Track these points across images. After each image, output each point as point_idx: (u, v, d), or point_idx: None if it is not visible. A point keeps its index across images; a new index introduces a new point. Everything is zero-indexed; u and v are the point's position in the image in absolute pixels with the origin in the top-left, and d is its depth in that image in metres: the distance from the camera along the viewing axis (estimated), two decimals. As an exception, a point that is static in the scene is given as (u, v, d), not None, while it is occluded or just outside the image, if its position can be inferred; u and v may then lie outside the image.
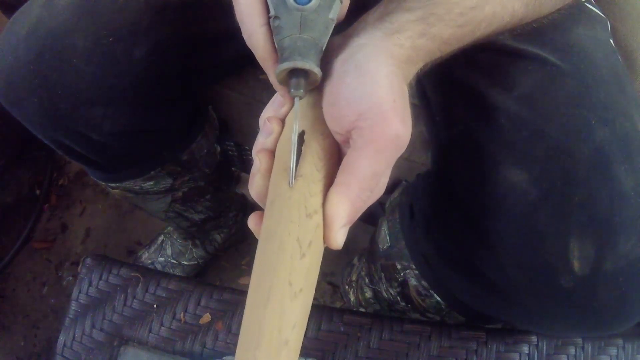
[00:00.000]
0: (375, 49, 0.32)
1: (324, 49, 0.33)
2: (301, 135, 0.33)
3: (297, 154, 0.32)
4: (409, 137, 0.31)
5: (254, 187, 0.33)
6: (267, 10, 0.33)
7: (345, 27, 0.37)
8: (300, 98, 0.33)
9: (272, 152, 0.34)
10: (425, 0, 0.34)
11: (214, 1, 0.54)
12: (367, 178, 0.30)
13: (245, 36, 0.34)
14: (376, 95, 0.30)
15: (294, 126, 0.32)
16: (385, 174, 0.32)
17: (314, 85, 0.34)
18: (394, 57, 0.32)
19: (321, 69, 0.33)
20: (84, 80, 0.50)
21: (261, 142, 0.35)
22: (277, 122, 0.35)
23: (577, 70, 0.41)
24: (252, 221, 0.33)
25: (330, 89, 0.33)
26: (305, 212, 0.30)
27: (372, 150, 0.30)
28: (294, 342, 0.27)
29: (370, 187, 0.30)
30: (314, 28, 0.32)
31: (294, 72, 0.32)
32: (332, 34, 0.34)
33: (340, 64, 0.33)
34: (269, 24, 0.33)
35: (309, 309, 0.29)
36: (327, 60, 0.34)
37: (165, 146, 0.66)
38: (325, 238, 0.30)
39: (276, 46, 0.33)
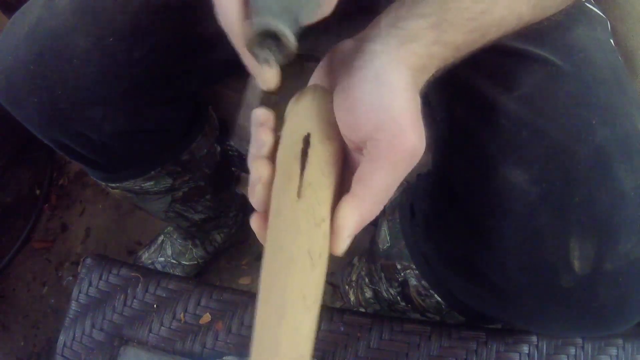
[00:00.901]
0: (393, 59, 0.32)
1: (300, 23, 0.31)
2: (306, 139, 0.32)
3: (300, 158, 0.31)
4: (424, 149, 0.31)
5: (256, 197, 0.32)
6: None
7: (346, 28, 0.37)
8: (270, 65, 0.31)
9: (269, 160, 0.33)
10: (437, 5, 0.34)
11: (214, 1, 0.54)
12: (381, 191, 0.30)
13: (220, 14, 0.33)
14: (396, 107, 0.30)
15: (252, 104, 0.31)
16: (397, 185, 0.32)
17: (287, 58, 0.32)
18: (411, 68, 0.32)
19: (332, 72, 0.32)
20: (84, 80, 0.50)
21: (254, 152, 0.34)
22: (266, 132, 0.34)
23: (578, 71, 0.41)
24: (255, 223, 0.32)
25: (346, 95, 0.32)
26: (314, 221, 0.29)
27: (389, 164, 0.30)
28: (308, 354, 0.27)
29: (383, 201, 0.30)
30: None
31: (265, 37, 0.31)
32: (343, 37, 0.33)
33: (357, 70, 0.32)
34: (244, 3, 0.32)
35: (318, 317, 0.29)
36: (340, 64, 0.34)
37: (165, 146, 0.66)
38: (331, 244, 0.30)
39: (250, 9, 0.31)
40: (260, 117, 0.34)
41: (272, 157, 0.33)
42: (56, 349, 0.61)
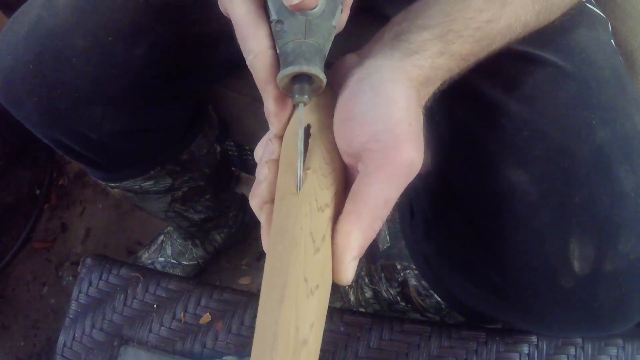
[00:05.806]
0: (393, 71, 0.31)
1: (326, 55, 0.32)
2: (307, 129, 0.32)
3: (303, 152, 0.31)
4: (422, 164, 0.30)
5: (259, 194, 0.32)
6: (269, 27, 0.32)
7: (347, 37, 0.37)
8: (305, 104, 0.32)
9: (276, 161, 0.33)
10: (441, 16, 0.33)
11: (214, 1, 0.54)
12: (379, 206, 0.28)
13: (249, 56, 0.33)
14: (392, 118, 0.29)
15: (299, 132, 0.31)
16: (395, 200, 0.30)
17: (317, 92, 0.33)
18: (412, 80, 0.31)
19: (336, 87, 0.32)
20: (84, 80, 0.50)
21: (267, 156, 0.34)
22: (278, 142, 0.34)
23: (579, 71, 0.41)
24: (263, 215, 0.31)
25: (343, 107, 0.32)
26: (317, 205, 0.29)
27: (385, 177, 0.28)
28: (314, 342, 0.26)
29: (382, 216, 0.29)
30: (318, 33, 0.31)
31: (298, 78, 0.31)
32: (345, 52, 0.34)
33: (355, 82, 0.32)
34: (274, 47, 0.32)
35: (327, 308, 0.28)
36: (342, 78, 0.34)
37: (165, 146, 0.66)
38: (334, 272, 0.28)
39: (278, 51, 0.32)
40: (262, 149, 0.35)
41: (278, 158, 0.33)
42: (56, 349, 0.61)
